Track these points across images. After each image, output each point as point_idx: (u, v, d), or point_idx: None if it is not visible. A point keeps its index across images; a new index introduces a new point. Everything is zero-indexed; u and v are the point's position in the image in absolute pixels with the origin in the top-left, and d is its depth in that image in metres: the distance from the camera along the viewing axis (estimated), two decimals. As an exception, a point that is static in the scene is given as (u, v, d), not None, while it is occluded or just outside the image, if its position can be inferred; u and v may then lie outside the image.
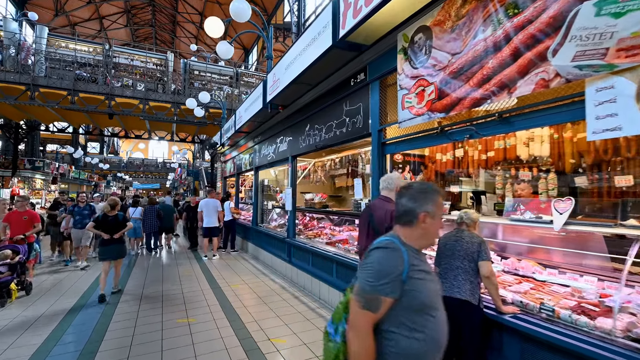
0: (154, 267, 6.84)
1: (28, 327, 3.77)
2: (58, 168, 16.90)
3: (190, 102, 9.74)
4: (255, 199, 8.14)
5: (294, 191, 5.79)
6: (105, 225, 4.78)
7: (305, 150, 5.31)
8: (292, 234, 5.79)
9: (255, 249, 7.92)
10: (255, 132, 7.98)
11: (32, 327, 3.75)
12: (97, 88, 11.14)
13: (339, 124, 4.31)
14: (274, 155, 6.76)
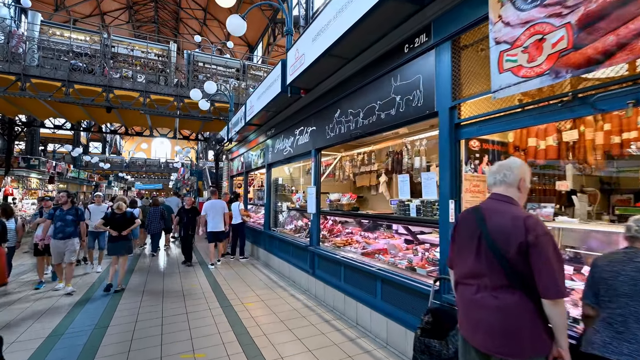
0: (154, 278, 5.96)
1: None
2: (55, 167, 16.11)
3: (194, 93, 8.89)
4: (268, 200, 7.25)
5: (318, 191, 4.89)
6: (114, 222, 5.05)
7: (335, 141, 4.41)
8: (316, 241, 4.89)
9: (267, 256, 7.02)
10: (267, 125, 7.10)
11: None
12: (94, 79, 10.31)
13: (385, 105, 3.40)
14: (292, 150, 5.86)
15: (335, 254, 4.30)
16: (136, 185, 39.83)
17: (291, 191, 7.24)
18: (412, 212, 3.56)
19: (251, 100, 6.75)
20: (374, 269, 3.45)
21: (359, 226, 5.26)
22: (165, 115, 11.26)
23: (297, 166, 7.56)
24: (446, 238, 2.62)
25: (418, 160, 3.76)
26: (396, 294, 3.19)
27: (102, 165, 26.70)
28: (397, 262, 3.53)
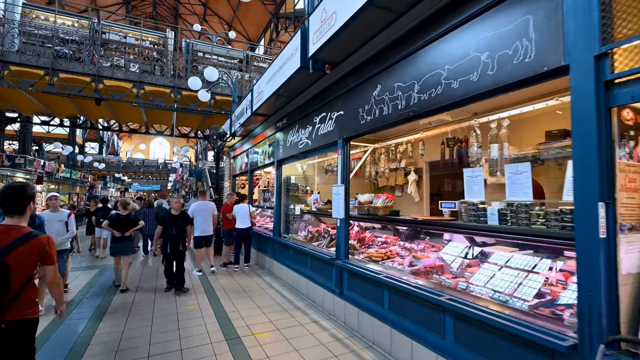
0: (143, 296, 4.95)
1: None
2: (44, 166, 15.06)
3: (192, 81, 7.91)
4: (278, 202, 6.26)
5: (347, 191, 3.90)
6: (118, 223, 5.32)
7: (372, 127, 3.42)
8: (344, 253, 3.90)
9: (277, 267, 6.02)
10: (278, 115, 6.12)
11: None
12: (82, 68, 9.32)
13: (460, 69, 2.42)
14: (309, 141, 4.88)
15: (374, 271, 3.31)
16: (133, 186, 38.80)
17: (305, 191, 6.25)
18: (492, 218, 2.58)
19: (259, 86, 5.77)
20: (442, 299, 2.46)
21: (396, 234, 4.28)
22: (160, 108, 10.28)
23: (312, 163, 6.59)
24: (593, 263, 1.64)
25: (496, 148, 2.78)
26: (481, 337, 2.20)
27: (96, 165, 25.63)
28: (474, 290, 2.54)
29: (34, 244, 1.81)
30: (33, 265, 1.83)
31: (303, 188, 6.22)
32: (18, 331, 1.75)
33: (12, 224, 1.83)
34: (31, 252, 1.80)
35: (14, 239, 1.76)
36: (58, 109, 12.69)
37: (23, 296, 1.77)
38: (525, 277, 2.43)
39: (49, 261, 1.88)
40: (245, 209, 6.61)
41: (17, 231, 1.80)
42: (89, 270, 6.71)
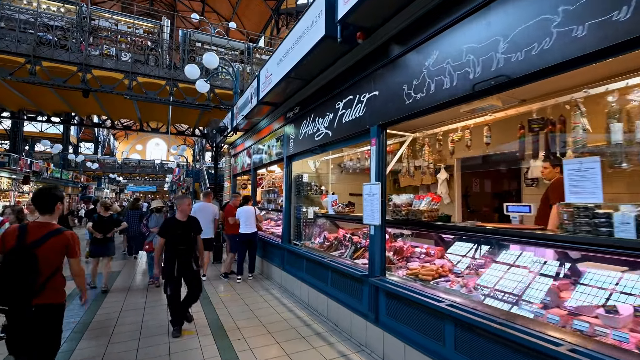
0: (128, 315, 4.11)
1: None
2: (31, 165, 14.13)
3: (190, 69, 7.08)
4: (287, 204, 5.44)
5: (383, 191, 3.09)
6: (100, 225, 5.21)
7: (426, 107, 2.60)
8: (380, 269, 3.10)
9: (287, 280, 5.19)
10: (288, 103, 5.31)
11: None
12: (68, 56, 8.46)
13: (592, 4, 1.63)
14: (330, 132, 4.07)
15: (430, 296, 2.50)
16: (128, 187, 37.84)
17: (320, 192, 5.44)
18: (623, 229, 1.79)
19: (267, 69, 4.96)
20: (562, 350, 1.65)
21: (439, 243, 3.46)
22: (155, 101, 9.43)
23: (326, 159, 5.78)
24: None
25: (618, 128, 1.98)
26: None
27: (89, 165, 24.68)
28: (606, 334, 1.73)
29: (60, 239, 2.09)
30: (60, 257, 2.10)
31: (317, 188, 5.41)
32: (46, 313, 2.01)
33: (44, 221, 2.13)
34: (58, 245, 2.07)
35: (44, 233, 2.04)
36: (44, 104, 11.80)
37: (50, 284, 2.03)
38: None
39: (72, 254, 2.15)
40: (251, 211, 5.79)
41: (47, 227, 2.09)
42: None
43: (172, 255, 3.50)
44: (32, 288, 1.94)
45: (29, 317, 1.95)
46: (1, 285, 1.91)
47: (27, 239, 2.00)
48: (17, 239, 1.99)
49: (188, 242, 3.56)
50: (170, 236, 3.50)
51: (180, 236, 3.52)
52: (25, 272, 1.93)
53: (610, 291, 2.04)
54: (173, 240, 3.50)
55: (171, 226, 3.57)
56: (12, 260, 1.95)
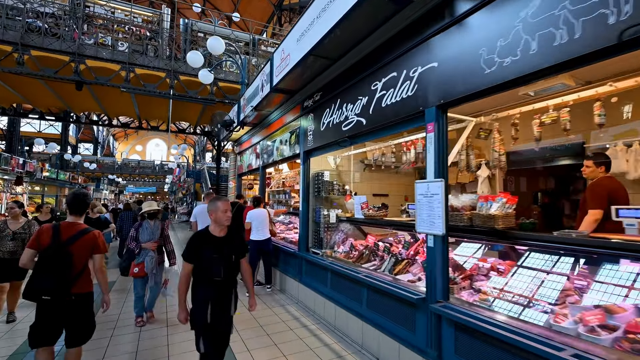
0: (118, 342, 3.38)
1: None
2: (24, 165, 13.43)
3: (192, 57, 6.38)
4: (305, 206, 4.73)
5: (446, 189, 2.38)
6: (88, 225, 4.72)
7: (526, 72, 1.89)
8: (443, 291, 2.38)
9: (305, 294, 4.47)
10: (306, 90, 4.61)
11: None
12: (59, 44, 7.76)
13: None
14: (363, 119, 3.36)
15: (539, 340, 1.78)
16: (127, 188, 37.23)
17: (343, 192, 4.72)
18: None
19: (284, 49, 4.25)
20: None
21: (510, 256, 2.74)
22: (154, 94, 8.74)
23: (348, 154, 5.07)
24: None
25: None
26: None
27: (87, 165, 24.01)
28: None
29: (88, 237, 2.37)
30: (89, 253, 2.37)
31: (340, 188, 4.69)
32: (82, 300, 2.32)
33: (73, 221, 2.40)
34: (87, 243, 2.35)
35: (75, 232, 2.32)
36: (37, 100, 11.11)
37: (82, 276, 2.33)
38: None
39: (97, 251, 2.41)
40: (264, 215, 5.08)
41: (77, 227, 2.38)
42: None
43: (207, 292, 2.16)
44: (69, 280, 2.22)
45: (69, 305, 2.23)
46: (43, 278, 2.15)
47: (62, 237, 2.26)
48: (52, 237, 2.25)
49: (230, 271, 2.23)
50: (202, 262, 2.16)
51: (218, 261, 2.17)
52: (63, 266, 2.20)
53: None
54: (207, 269, 2.15)
55: (203, 246, 2.19)
56: (51, 255, 2.20)
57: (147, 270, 3.73)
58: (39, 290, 2.14)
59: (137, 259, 3.77)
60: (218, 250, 2.19)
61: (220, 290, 2.20)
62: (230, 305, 2.26)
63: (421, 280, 2.91)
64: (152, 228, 3.88)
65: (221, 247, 2.21)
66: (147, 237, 3.82)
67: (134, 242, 3.80)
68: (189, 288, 2.22)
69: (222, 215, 2.22)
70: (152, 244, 3.79)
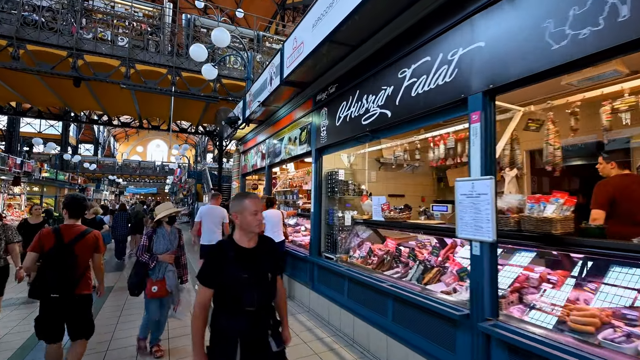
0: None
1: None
2: (22, 165, 13.11)
3: (196, 50, 6.06)
4: (317, 207, 4.39)
5: (495, 189, 2.03)
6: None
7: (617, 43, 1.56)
8: (491, 308, 2.04)
9: (318, 302, 4.12)
10: (320, 83, 4.28)
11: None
12: (57, 39, 7.45)
13: None
14: (388, 111, 3.02)
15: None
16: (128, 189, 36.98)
17: (359, 193, 4.38)
18: None
19: (296, 37, 3.93)
20: None
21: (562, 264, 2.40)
22: (155, 91, 8.42)
23: (363, 152, 4.73)
24: None
25: None
26: None
27: (86, 165, 23.72)
28: None
29: (89, 237, 2.50)
30: (90, 253, 2.51)
31: (355, 188, 4.34)
32: (83, 301, 2.44)
33: (72, 224, 2.49)
34: (88, 243, 2.48)
35: (77, 233, 2.44)
36: (35, 98, 10.80)
37: (84, 277, 2.46)
38: None
39: (98, 250, 2.56)
40: (278, 216, 4.77)
41: (77, 228, 2.48)
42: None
43: (235, 325, 1.50)
44: (74, 280, 2.35)
45: (72, 304, 2.34)
46: (51, 278, 2.27)
47: (65, 239, 2.36)
48: (55, 239, 2.34)
49: (266, 296, 1.61)
50: (227, 285, 1.52)
51: (250, 283, 1.53)
52: (69, 266, 2.33)
53: None
54: (234, 294, 1.52)
55: (227, 261, 1.54)
56: (56, 256, 2.31)
57: (170, 289, 3.00)
58: (47, 289, 2.28)
59: (153, 274, 3.00)
60: (248, 266, 1.55)
61: (254, 322, 1.52)
62: (269, 341, 1.55)
63: (458, 292, 2.57)
64: (169, 236, 3.15)
65: (252, 263, 1.57)
66: (163, 246, 3.07)
67: (146, 253, 3.01)
68: (207, 322, 1.54)
69: (252, 219, 1.58)
70: (169, 255, 3.08)
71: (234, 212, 1.62)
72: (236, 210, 1.61)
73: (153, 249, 3.05)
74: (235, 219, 1.61)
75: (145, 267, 2.99)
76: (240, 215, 1.59)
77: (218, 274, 1.52)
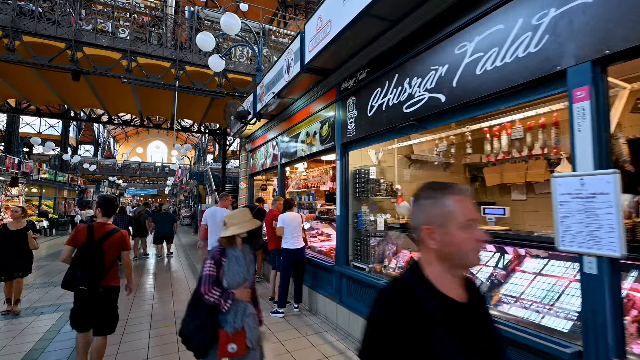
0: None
1: None
2: (20, 165, 12.64)
3: (203, 38, 5.56)
4: (343, 209, 3.89)
5: (619, 187, 1.54)
6: None
7: None
8: (617, 347, 1.52)
9: (347, 318, 3.61)
10: (345, 70, 3.79)
11: None
12: (54, 30, 6.97)
13: None
14: (442, 95, 2.52)
15: None
16: (128, 190, 36.57)
17: (392, 193, 3.87)
18: None
19: (322, 15, 3.43)
20: None
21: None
22: (157, 86, 7.94)
23: (391, 148, 4.23)
24: None
25: None
26: None
27: (86, 166, 23.29)
28: None
29: (117, 235, 2.68)
30: (117, 250, 2.69)
31: (387, 188, 3.83)
32: (109, 293, 2.63)
33: (104, 222, 2.71)
34: (116, 241, 2.66)
35: (106, 231, 2.64)
36: (31, 93, 10.34)
37: (111, 271, 2.64)
38: None
39: (125, 247, 2.76)
40: (298, 220, 4.28)
41: (107, 227, 2.69)
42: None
43: None
44: (100, 274, 2.55)
45: (98, 296, 2.55)
46: (81, 271, 2.49)
47: (95, 236, 2.59)
48: (87, 235, 2.57)
49: None
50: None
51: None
52: (96, 262, 2.53)
53: None
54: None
55: (428, 328, 0.73)
56: (86, 252, 2.54)
57: (251, 343, 1.96)
58: (76, 282, 2.47)
59: (227, 322, 1.92)
60: (470, 344, 0.77)
61: None
62: None
63: (540, 313, 2.07)
64: (244, 261, 2.08)
65: (471, 331, 0.80)
66: (239, 276, 2.02)
67: (215, 289, 1.93)
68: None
69: (466, 240, 0.80)
70: (248, 291, 2.06)
71: (426, 223, 0.83)
72: (431, 219, 0.82)
73: (223, 281, 1.99)
74: (428, 236, 0.82)
75: (212, 312, 1.92)
76: (441, 232, 0.81)
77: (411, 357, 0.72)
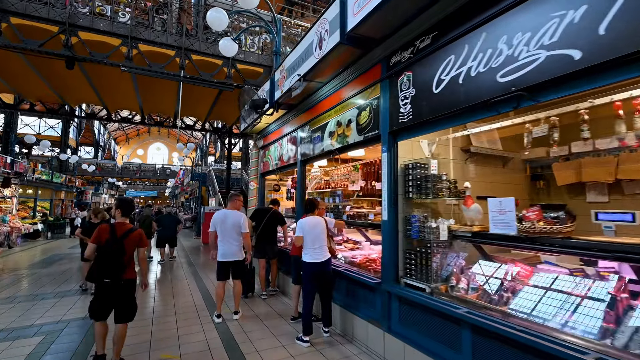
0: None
1: None
2: (13, 165, 11.88)
3: (215, 15, 4.82)
4: (392, 213, 3.11)
5: None
6: (91, 231, 5.16)
7: None
8: None
9: (399, 352, 2.81)
10: (396, 39, 3.03)
11: None
12: (47, 11, 6.25)
13: None
14: (576, 51, 1.76)
15: None
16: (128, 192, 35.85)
17: (456, 194, 3.08)
18: None
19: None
20: None
21: None
22: (161, 76, 7.20)
23: (446, 138, 3.46)
24: None
25: None
26: None
27: (85, 167, 22.56)
28: None
29: (136, 233, 3.00)
30: (134, 247, 2.98)
31: (451, 186, 3.05)
32: (128, 285, 2.93)
33: (123, 221, 3.03)
34: (134, 238, 2.97)
35: (125, 230, 2.95)
36: (26, 89, 9.61)
37: (129, 266, 2.94)
38: None
39: (142, 244, 3.05)
40: (321, 226, 3.51)
41: (126, 226, 3.01)
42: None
43: None
44: (122, 267, 2.85)
45: (120, 287, 2.86)
46: (105, 265, 2.81)
47: (117, 234, 2.89)
48: (110, 233, 2.87)
49: None
50: None
51: None
52: (118, 257, 2.84)
53: None
54: None
55: None
56: (109, 248, 2.83)
57: None
58: (101, 275, 2.80)
59: None
60: None
61: None
62: None
63: None
64: None
65: None
66: None
67: None
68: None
69: None
70: None
71: None
72: None
73: None
74: None
75: None
76: None
77: None
